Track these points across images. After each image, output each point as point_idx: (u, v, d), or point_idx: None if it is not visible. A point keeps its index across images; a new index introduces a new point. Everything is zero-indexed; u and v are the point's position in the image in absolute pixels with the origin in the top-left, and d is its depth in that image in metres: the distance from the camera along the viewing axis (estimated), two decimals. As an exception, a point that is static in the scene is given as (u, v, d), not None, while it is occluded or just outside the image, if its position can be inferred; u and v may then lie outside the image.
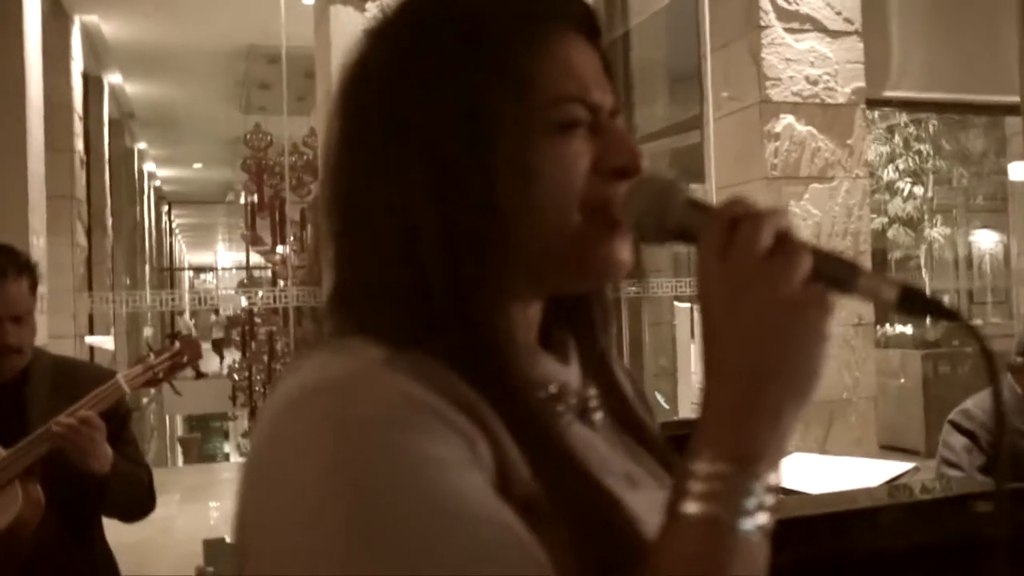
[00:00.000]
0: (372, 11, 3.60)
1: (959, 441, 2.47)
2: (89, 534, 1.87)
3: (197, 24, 6.63)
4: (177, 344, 1.83)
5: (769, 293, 0.56)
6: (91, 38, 6.65)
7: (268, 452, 0.57)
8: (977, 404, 2.55)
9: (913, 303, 0.56)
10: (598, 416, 0.72)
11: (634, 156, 0.65)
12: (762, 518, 0.56)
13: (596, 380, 0.73)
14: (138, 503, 1.88)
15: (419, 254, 0.61)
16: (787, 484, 1.81)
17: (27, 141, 4.61)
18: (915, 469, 1.88)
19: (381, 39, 0.67)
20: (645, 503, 0.63)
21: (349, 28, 3.60)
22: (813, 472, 1.92)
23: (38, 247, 4.63)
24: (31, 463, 1.69)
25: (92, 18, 6.39)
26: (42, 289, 1.93)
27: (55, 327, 4.87)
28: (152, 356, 1.82)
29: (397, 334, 0.59)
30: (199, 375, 1.88)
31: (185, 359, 1.83)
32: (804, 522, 1.52)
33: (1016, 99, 3.52)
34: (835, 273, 0.58)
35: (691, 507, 0.55)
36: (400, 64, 0.65)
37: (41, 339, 2.89)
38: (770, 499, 0.56)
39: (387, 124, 0.64)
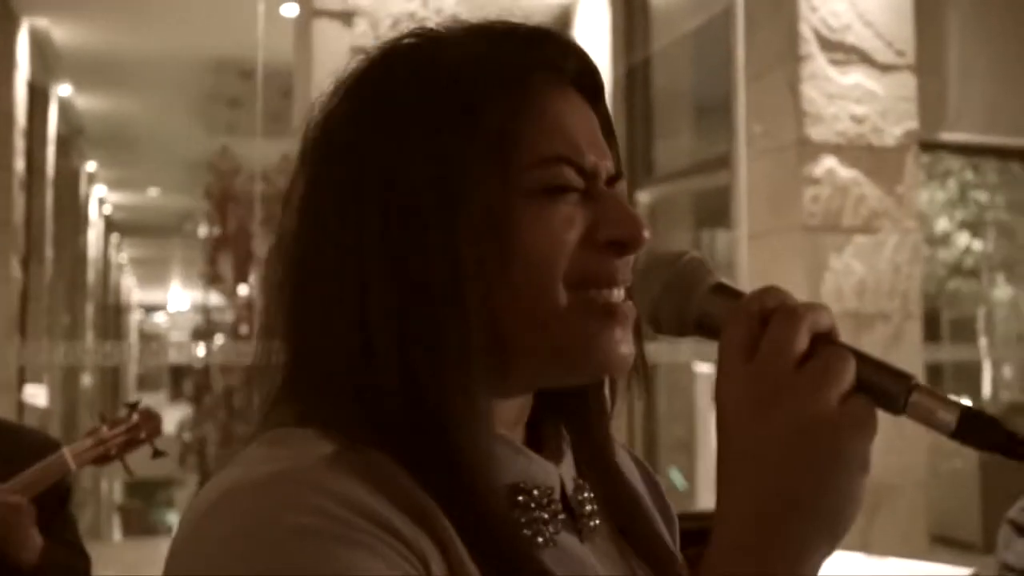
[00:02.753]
0: (361, 27, 3.67)
1: (1022, 544, 2.46)
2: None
3: (161, 33, 6.70)
4: (135, 417, 1.83)
5: (799, 408, 0.54)
6: (40, 45, 6.71)
7: (185, 552, 0.56)
8: (1044, 499, 2.54)
9: (976, 432, 0.53)
10: (594, 523, 0.69)
11: (635, 226, 0.64)
12: None
13: (596, 479, 0.71)
14: None
15: (371, 338, 0.60)
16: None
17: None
18: (973, 576, 1.87)
19: (352, 89, 0.67)
20: None
21: (334, 44, 3.66)
22: None
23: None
24: None
25: (42, 22, 6.46)
26: None
27: (-20, 374, 4.85)
28: (105, 428, 1.81)
29: (349, 428, 0.59)
30: (157, 453, 1.87)
31: (143, 435, 1.82)
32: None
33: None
34: (883, 387, 0.56)
35: None
36: (366, 117, 0.65)
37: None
38: None
39: (346, 187, 0.63)
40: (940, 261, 8.54)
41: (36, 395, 5.91)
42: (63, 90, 7.92)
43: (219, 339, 10.55)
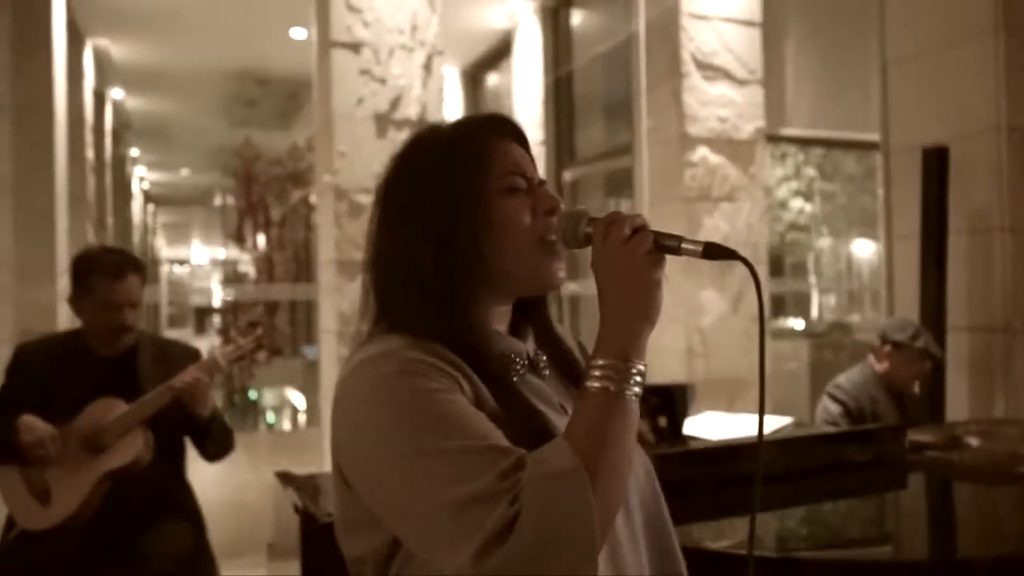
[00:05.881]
0: (366, 54, 3.85)
1: (835, 408, 2.87)
2: (180, 470, 2.13)
3: (195, 49, 6.71)
4: (260, 330, 2.09)
5: (626, 261, 0.82)
6: (100, 59, 6.71)
7: (346, 396, 0.84)
8: (848, 379, 2.94)
9: (715, 253, 0.81)
10: (547, 371, 0.95)
11: (556, 201, 0.91)
12: (636, 389, 0.79)
13: (548, 348, 0.97)
14: (227, 442, 2.12)
15: (424, 283, 0.86)
16: (697, 434, 2.18)
17: (54, 153, 4.74)
18: (792, 422, 2.27)
19: (399, 159, 0.93)
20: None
21: (345, 67, 3.84)
22: (715, 426, 2.29)
23: (61, 244, 4.75)
24: (150, 414, 1.93)
25: (103, 41, 6.46)
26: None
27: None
28: (241, 339, 2.07)
29: (414, 330, 0.85)
30: (275, 352, 2.16)
31: (266, 342, 2.09)
32: (708, 452, 1.93)
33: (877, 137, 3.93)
34: (669, 244, 0.82)
35: (593, 384, 0.79)
36: (409, 174, 0.91)
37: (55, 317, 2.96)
38: (640, 378, 0.80)
39: (404, 209, 0.89)
40: (782, 220, 8.97)
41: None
42: (116, 93, 7.88)
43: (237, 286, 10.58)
